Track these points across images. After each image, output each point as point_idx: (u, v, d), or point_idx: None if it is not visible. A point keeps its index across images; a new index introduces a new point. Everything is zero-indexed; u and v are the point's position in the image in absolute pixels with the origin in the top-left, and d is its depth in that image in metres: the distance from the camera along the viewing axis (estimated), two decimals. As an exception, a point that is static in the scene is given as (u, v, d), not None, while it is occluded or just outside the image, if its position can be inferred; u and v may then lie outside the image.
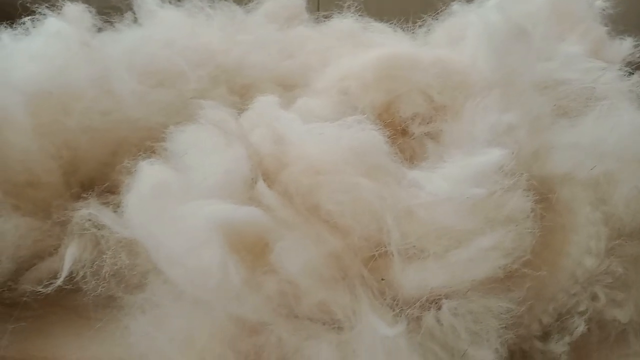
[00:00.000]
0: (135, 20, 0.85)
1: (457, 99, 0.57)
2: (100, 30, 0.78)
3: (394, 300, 0.41)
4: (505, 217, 0.42)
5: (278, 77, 0.69)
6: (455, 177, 0.43)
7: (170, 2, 0.86)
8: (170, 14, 0.80)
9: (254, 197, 0.46)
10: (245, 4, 0.94)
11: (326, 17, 0.73)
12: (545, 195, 0.49)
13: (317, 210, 0.45)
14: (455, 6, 0.76)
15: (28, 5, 0.62)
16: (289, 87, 0.68)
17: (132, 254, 0.45)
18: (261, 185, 0.46)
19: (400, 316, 0.40)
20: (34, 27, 0.61)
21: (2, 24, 0.61)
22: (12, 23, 0.61)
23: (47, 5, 0.62)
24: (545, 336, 0.47)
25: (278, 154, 0.49)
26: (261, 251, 0.41)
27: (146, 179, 0.42)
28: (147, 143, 0.60)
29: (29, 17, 0.61)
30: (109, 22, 0.81)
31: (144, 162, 0.43)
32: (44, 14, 0.61)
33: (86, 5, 0.77)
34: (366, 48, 0.65)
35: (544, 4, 0.63)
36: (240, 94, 0.65)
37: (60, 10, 0.73)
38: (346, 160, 0.45)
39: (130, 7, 0.86)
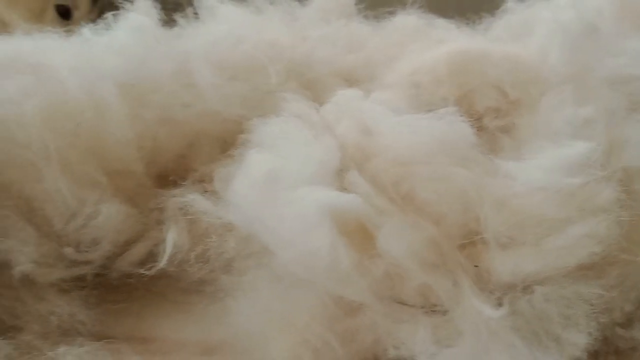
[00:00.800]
0: (196, 16, 0.87)
1: (531, 94, 0.58)
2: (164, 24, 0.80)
3: (492, 286, 0.42)
4: (597, 206, 0.44)
5: (343, 71, 0.71)
6: (547, 168, 0.45)
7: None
8: (231, 10, 0.82)
9: (346, 186, 0.48)
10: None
11: (390, 13, 0.75)
12: (625, 187, 0.50)
13: (411, 198, 0.46)
14: (510, 3, 0.78)
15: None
16: (354, 82, 0.69)
17: (233, 238, 0.47)
18: (354, 174, 0.48)
19: (500, 300, 0.41)
20: (115, 22, 0.64)
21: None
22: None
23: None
24: (627, 323, 0.48)
25: (366, 145, 0.51)
26: (364, 236, 0.43)
27: (255, 166, 0.44)
28: (227, 135, 0.62)
29: (112, 13, 0.63)
30: (171, 16, 0.83)
31: (251, 151, 0.45)
32: (125, 9, 0.63)
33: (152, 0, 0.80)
34: (435, 43, 0.67)
35: (612, 1, 0.64)
36: (309, 88, 0.67)
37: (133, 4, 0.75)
38: (438, 151, 0.46)
39: (191, 3, 0.88)
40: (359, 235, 0.43)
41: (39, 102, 0.45)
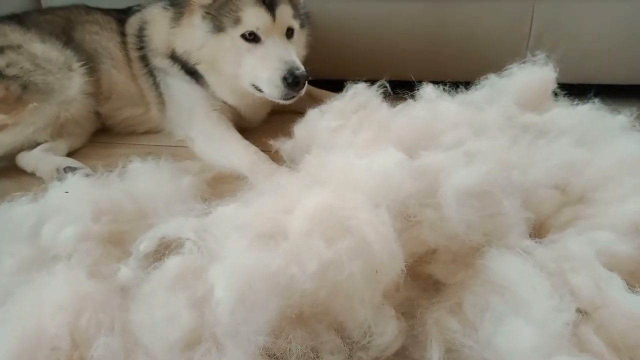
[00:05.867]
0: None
1: None
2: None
3: None
4: None
5: (563, 191, 0.81)
6: None
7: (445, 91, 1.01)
8: (451, 108, 0.95)
9: (577, 342, 0.61)
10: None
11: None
12: None
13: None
14: None
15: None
16: (572, 203, 0.80)
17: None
18: (587, 331, 0.60)
19: None
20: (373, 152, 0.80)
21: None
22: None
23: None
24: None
25: (598, 302, 0.62)
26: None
27: (518, 330, 0.58)
28: (462, 251, 0.77)
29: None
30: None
31: (510, 317, 0.59)
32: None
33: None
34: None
35: None
36: (533, 211, 0.78)
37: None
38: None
39: (413, 97, 1.02)
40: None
41: (359, 265, 0.63)
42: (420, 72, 1.83)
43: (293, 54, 1.24)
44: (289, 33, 1.29)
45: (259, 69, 1.24)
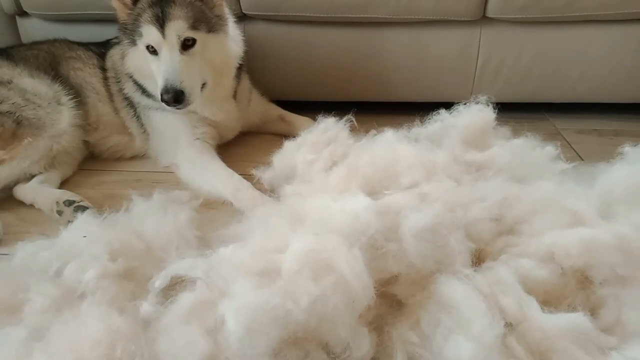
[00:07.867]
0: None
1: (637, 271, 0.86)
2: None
3: None
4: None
5: (500, 226, 1.00)
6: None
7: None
8: (406, 149, 1.13)
9: (505, 350, 0.81)
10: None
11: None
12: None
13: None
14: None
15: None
16: (505, 233, 1.00)
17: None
18: (512, 341, 0.80)
19: None
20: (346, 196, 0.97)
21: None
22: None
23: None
24: None
25: (521, 318, 0.82)
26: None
27: (462, 347, 0.77)
28: (419, 277, 0.95)
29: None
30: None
31: (457, 335, 0.78)
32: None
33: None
34: (566, 214, 0.95)
35: None
36: (474, 241, 0.97)
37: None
38: (570, 341, 0.77)
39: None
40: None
41: (340, 298, 0.80)
42: (376, 94, 2.04)
43: (177, 69, 1.37)
44: (189, 43, 1.41)
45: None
